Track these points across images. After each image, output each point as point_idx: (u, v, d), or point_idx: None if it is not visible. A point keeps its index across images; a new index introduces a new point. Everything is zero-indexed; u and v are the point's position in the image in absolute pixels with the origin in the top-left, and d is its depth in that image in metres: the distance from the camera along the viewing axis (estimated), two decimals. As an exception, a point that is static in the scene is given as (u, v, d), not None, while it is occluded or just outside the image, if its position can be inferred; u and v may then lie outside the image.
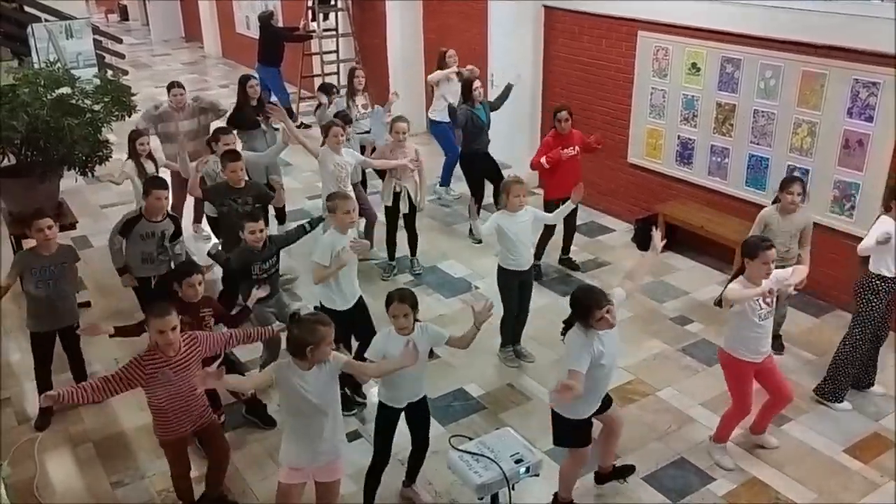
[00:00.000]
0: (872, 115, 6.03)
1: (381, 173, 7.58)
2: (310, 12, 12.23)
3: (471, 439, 3.68)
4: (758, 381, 4.78)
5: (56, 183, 6.89)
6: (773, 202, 5.70)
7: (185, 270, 4.81)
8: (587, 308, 4.03)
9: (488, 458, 3.48)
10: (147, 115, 7.59)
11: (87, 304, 6.80)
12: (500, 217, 5.67)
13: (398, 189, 7.07)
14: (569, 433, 4.31)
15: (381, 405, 4.40)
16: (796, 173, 6.61)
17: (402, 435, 4.49)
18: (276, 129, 7.88)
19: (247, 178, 6.34)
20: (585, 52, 8.36)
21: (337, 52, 12.34)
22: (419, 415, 4.48)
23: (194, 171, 6.23)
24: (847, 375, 5.34)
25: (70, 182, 7.64)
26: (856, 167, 6.22)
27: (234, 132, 6.95)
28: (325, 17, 12.41)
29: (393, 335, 4.22)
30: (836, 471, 4.83)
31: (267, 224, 7.67)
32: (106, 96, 6.94)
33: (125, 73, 10.91)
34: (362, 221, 7.36)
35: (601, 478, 4.74)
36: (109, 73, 9.43)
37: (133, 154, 6.78)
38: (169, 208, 5.89)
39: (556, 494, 4.58)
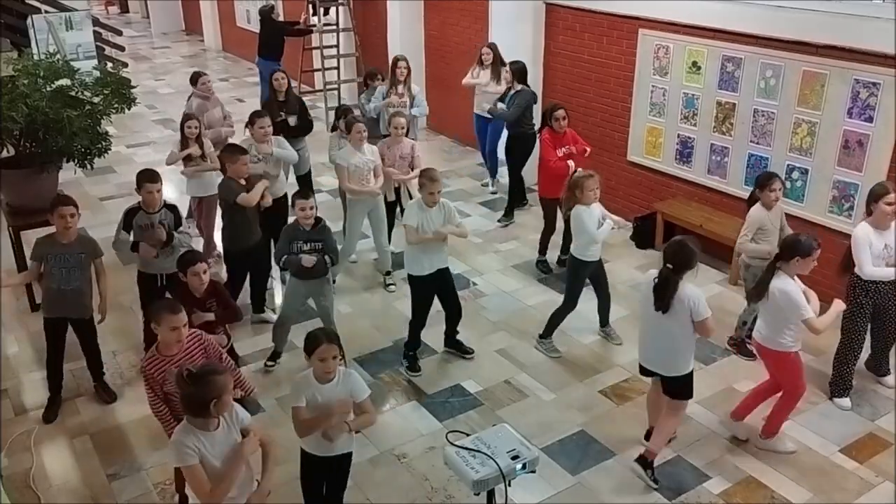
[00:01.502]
0: (872, 115, 6.03)
1: None
2: (310, 7, 12.21)
3: (467, 435, 3.67)
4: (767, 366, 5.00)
5: (55, 175, 6.87)
6: (750, 200, 5.72)
7: (190, 259, 4.82)
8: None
9: (485, 454, 3.48)
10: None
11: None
12: (582, 210, 5.84)
13: (398, 184, 7.11)
14: (690, 385, 4.67)
15: (302, 452, 4.02)
16: (795, 173, 6.64)
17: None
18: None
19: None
20: (586, 50, 8.35)
21: (337, 46, 12.31)
22: (338, 473, 4.12)
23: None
24: (848, 371, 5.42)
25: (69, 174, 7.64)
26: (855, 167, 6.23)
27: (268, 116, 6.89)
28: (326, 12, 12.39)
29: (314, 382, 3.81)
30: (832, 470, 4.84)
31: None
32: (105, 88, 6.92)
33: (125, 65, 10.92)
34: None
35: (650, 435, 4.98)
36: (109, 65, 9.44)
37: (182, 137, 7.03)
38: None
39: (644, 454, 4.75)
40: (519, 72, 7.99)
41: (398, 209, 7.23)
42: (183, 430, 3.38)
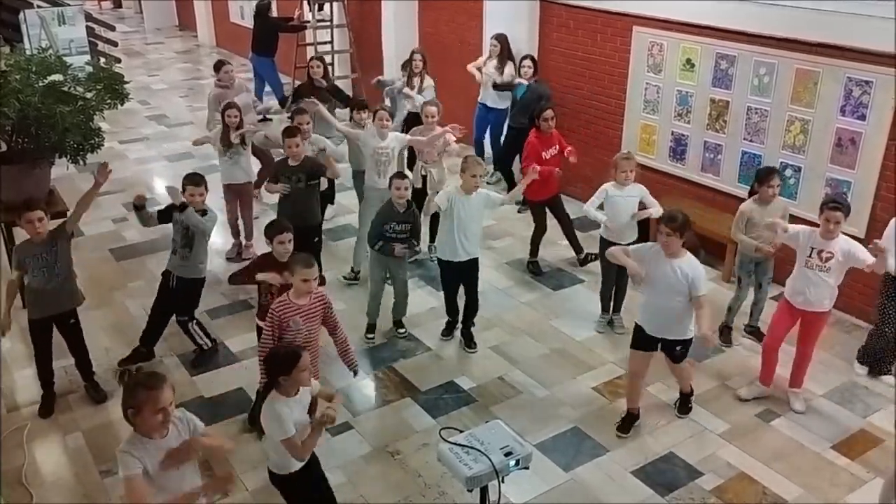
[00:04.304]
0: (865, 113, 6.05)
1: (411, 162, 7.67)
2: (304, 3, 12.17)
3: (461, 432, 3.68)
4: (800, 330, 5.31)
5: (47, 170, 6.84)
6: (750, 194, 5.83)
7: (277, 228, 5.10)
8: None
9: (478, 450, 3.48)
10: (211, 113, 8.10)
11: (78, 293, 6.77)
12: (610, 187, 5.99)
13: (425, 173, 7.18)
14: (633, 335, 5.05)
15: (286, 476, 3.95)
16: (788, 171, 6.66)
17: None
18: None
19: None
20: (580, 47, 8.35)
21: (332, 43, 12.28)
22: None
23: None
24: (878, 347, 5.63)
25: (61, 170, 7.60)
26: (848, 165, 6.25)
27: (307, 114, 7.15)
28: (320, 8, 12.36)
29: (290, 402, 3.72)
30: (824, 467, 4.86)
31: (332, 201, 7.95)
32: (98, 84, 6.88)
33: (118, 60, 10.83)
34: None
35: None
36: (102, 60, 9.38)
37: (223, 124, 7.18)
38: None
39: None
40: (536, 64, 8.30)
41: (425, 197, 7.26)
42: (129, 440, 3.24)
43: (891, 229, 5.22)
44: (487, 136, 9.52)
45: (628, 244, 5.99)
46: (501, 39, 8.65)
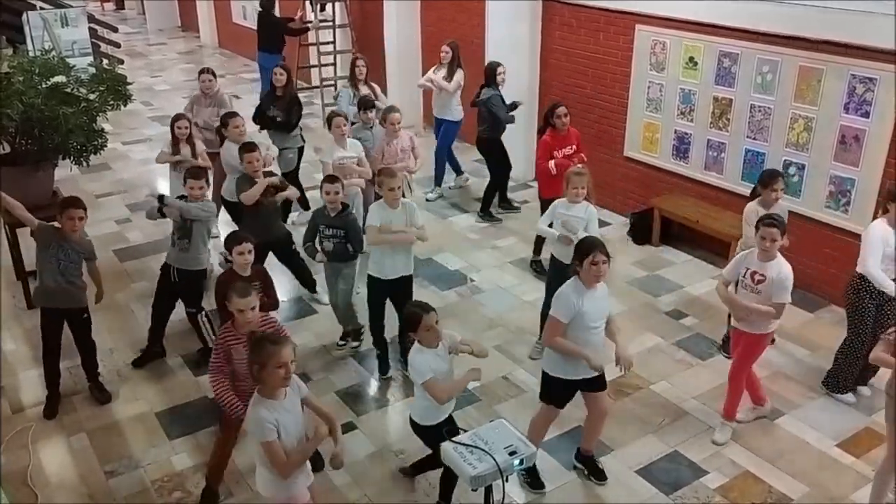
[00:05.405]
0: (869, 110, 6.04)
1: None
2: (307, 3, 12.17)
3: (465, 431, 3.68)
4: None
5: (51, 172, 6.86)
6: (752, 195, 5.67)
7: (236, 238, 4.98)
8: (584, 253, 4.25)
9: (482, 449, 3.48)
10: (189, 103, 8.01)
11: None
12: (559, 204, 5.72)
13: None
14: (548, 389, 4.62)
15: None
16: (792, 168, 6.65)
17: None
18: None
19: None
20: (583, 45, 8.35)
21: (334, 43, 12.29)
22: None
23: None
24: (850, 368, 5.37)
25: (65, 171, 7.62)
26: (852, 163, 6.23)
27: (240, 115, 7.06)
28: (323, 8, 12.36)
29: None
30: (829, 465, 4.86)
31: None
32: (101, 85, 6.90)
33: (120, 62, 10.86)
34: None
35: (580, 457, 4.86)
36: (105, 61, 9.40)
37: (172, 136, 7.05)
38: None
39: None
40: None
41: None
42: (257, 405, 3.48)
43: (874, 233, 4.99)
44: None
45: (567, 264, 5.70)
46: (454, 47, 8.67)
